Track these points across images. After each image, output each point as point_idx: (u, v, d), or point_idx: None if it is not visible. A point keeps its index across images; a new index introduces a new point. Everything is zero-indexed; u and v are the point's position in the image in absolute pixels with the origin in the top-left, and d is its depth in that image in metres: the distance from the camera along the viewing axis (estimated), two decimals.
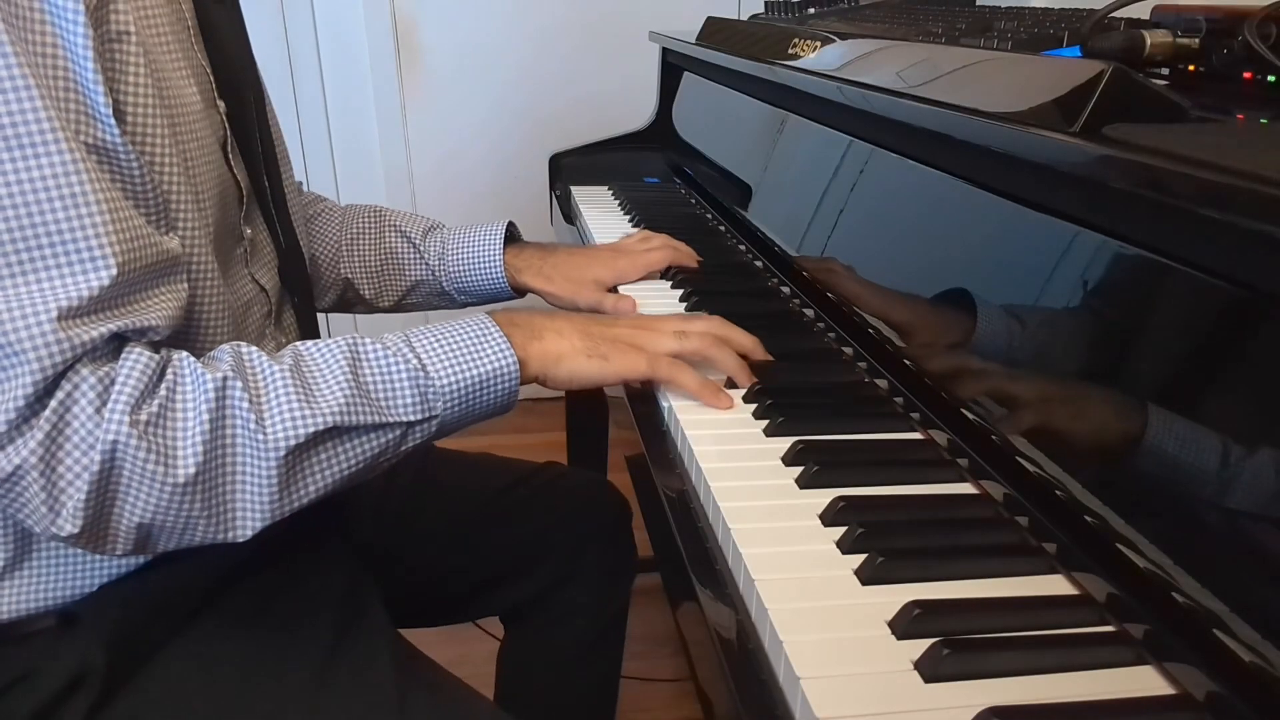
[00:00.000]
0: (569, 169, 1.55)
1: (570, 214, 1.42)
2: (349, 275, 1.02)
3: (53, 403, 0.54)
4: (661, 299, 0.98)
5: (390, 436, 0.63)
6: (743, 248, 1.13)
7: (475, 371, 0.66)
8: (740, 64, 1.17)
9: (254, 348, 0.63)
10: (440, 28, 2.25)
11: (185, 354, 0.60)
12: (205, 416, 0.57)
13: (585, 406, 1.65)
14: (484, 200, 2.33)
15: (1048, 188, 0.59)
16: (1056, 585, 0.52)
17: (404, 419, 0.63)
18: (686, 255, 1.04)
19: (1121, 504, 0.49)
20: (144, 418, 0.56)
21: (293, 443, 0.59)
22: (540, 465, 1.04)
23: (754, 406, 0.72)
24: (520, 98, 2.31)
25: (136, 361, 0.57)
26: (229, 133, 0.75)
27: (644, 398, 0.77)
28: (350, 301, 1.05)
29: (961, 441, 0.64)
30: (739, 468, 0.64)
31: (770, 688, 0.46)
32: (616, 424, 1.65)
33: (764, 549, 0.54)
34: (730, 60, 1.21)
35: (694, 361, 0.74)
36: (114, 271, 0.56)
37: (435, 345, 0.66)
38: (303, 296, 0.85)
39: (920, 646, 0.46)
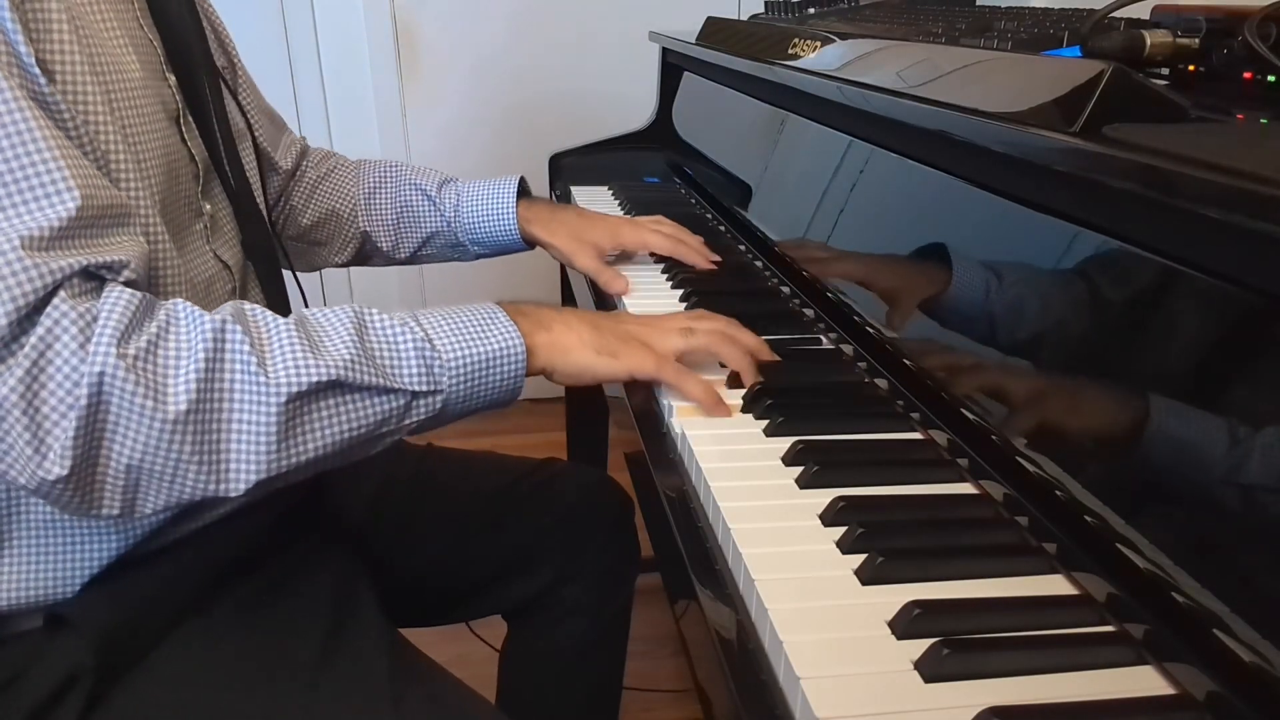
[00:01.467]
0: (569, 169, 1.55)
1: None
2: (367, 228, 1.06)
3: (32, 338, 0.52)
4: (661, 299, 0.98)
5: (394, 404, 0.62)
6: (743, 247, 1.13)
7: (483, 349, 0.65)
8: (740, 64, 1.17)
9: (258, 306, 0.62)
10: (440, 28, 2.25)
11: (182, 300, 0.59)
12: (201, 354, 0.56)
13: (585, 406, 1.65)
14: None
15: (1048, 188, 0.59)
16: (1056, 585, 0.52)
17: (409, 386, 0.62)
18: (694, 251, 1.03)
19: (1121, 504, 0.49)
20: (132, 351, 0.54)
21: (294, 389, 0.57)
22: (541, 462, 1.04)
23: (754, 407, 0.72)
24: (520, 98, 2.31)
25: (120, 297, 0.55)
26: (181, 105, 0.74)
27: (644, 397, 0.77)
28: (368, 254, 1.09)
29: (961, 441, 0.64)
30: (739, 468, 0.64)
31: (770, 688, 0.46)
32: (616, 423, 1.65)
33: (764, 549, 0.54)
34: (730, 60, 1.21)
35: (697, 360, 0.75)
36: (78, 200, 0.55)
37: (441, 322, 0.65)
38: (269, 269, 0.85)
39: (920, 646, 0.46)
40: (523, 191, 1.06)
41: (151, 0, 0.73)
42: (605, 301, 1.02)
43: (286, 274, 0.89)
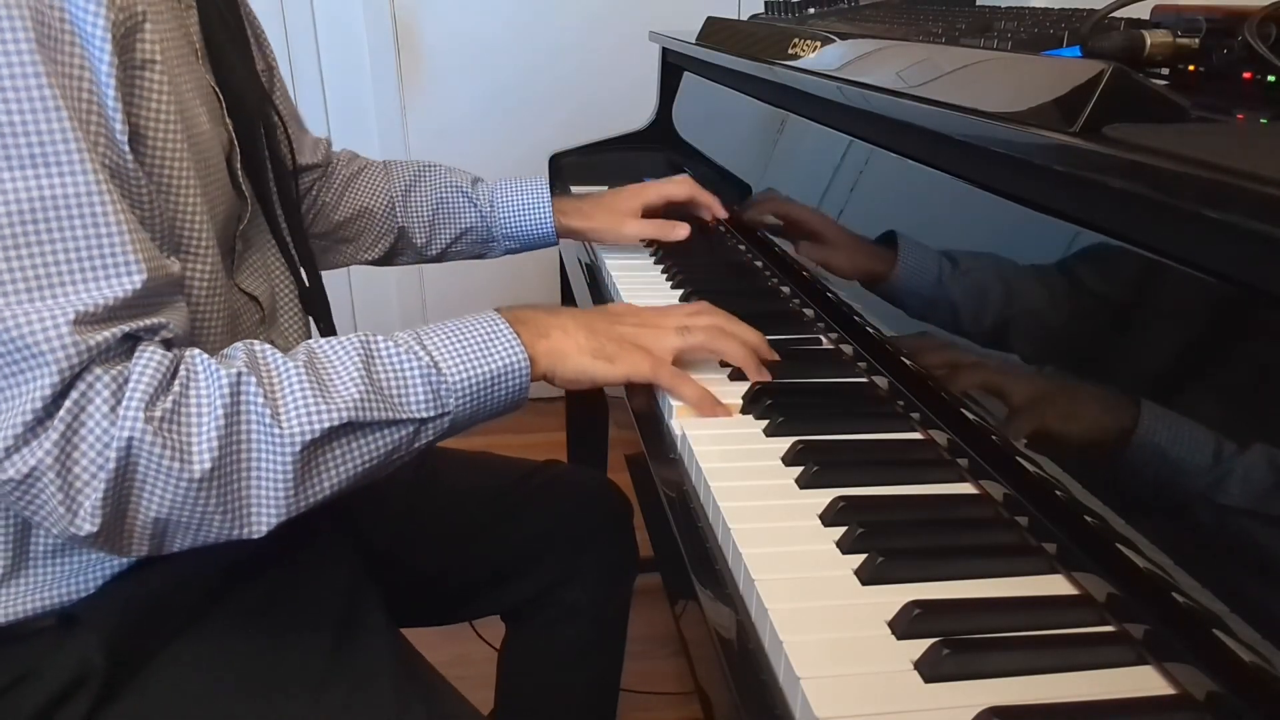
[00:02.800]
0: (569, 169, 1.55)
1: None
2: (403, 224, 1.09)
3: (67, 403, 0.54)
4: (659, 297, 0.98)
5: (404, 433, 0.64)
6: (742, 247, 1.13)
7: (487, 368, 0.66)
8: (740, 64, 1.17)
9: (268, 345, 0.63)
10: (440, 27, 2.25)
11: (198, 351, 0.60)
12: (220, 411, 0.57)
13: (585, 406, 1.65)
14: None
15: (1048, 187, 0.59)
16: (1056, 585, 0.52)
17: (417, 415, 0.64)
18: (708, 196, 1.12)
19: (1121, 504, 0.49)
20: (159, 414, 0.56)
21: (308, 438, 0.59)
22: (541, 463, 1.04)
23: (754, 406, 0.72)
24: (520, 97, 2.31)
25: (150, 359, 0.57)
26: (237, 148, 0.76)
27: (645, 398, 0.77)
28: (398, 250, 1.12)
29: (961, 441, 0.64)
30: (739, 468, 0.64)
31: (770, 688, 0.46)
32: (616, 424, 1.65)
33: (764, 549, 0.54)
34: (730, 60, 1.21)
35: (697, 357, 0.76)
36: (144, 277, 0.57)
37: (446, 342, 0.66)
38: (319, 302, 0.89)
39: (920, 646, 0.46)
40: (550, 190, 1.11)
41: (212, 51, 0.75)
42: (603, 296, 1.03)
43: None
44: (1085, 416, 0.54)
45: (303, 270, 0.88)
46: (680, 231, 1.06)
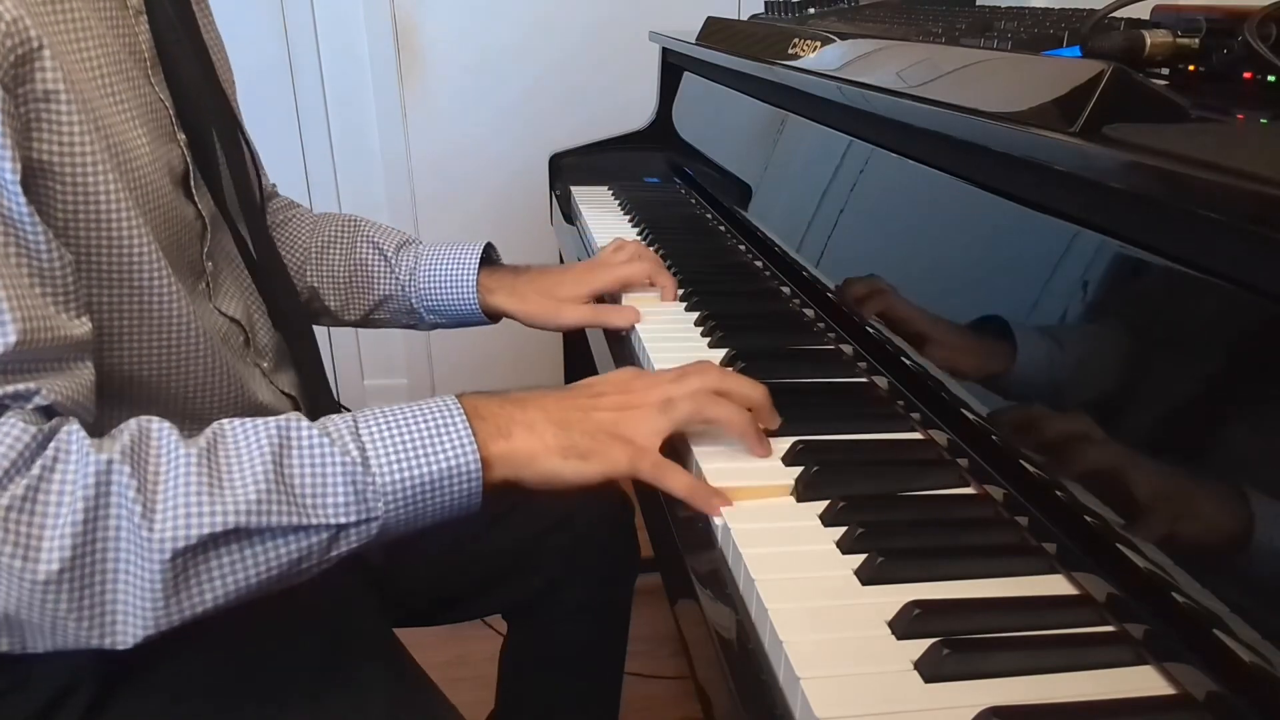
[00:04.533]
0: (569, 169, 1.55)
1: (570, 214, 1.42)
2: (315, 284, 0.98)
3: None
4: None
5: (313, 540, 0.55)
6: (743, 248, 1.13)
7: (428, 469, 0.57)
8: (740, 64, 1.17)
9: (166, 425, 0.55)
10: (440, 28, 2.25)
11: (76, 428, 0.52)
12: (80, 505, 0.50)
13: None
14: (484, 200, 2.33)
15: (1048, 188, 0.59)
16: (1056, 585, 0.52)
17: (332, 520, 0.55)
18: (663, 273, 0.99)
19: (1122, 504, 0.49)
20: (4, 500, 0.48)
21: (180, 544, 0.51)
22: None
23: None
24: (520, 98, 2.31)
25: (9, 434, 0.50)
26: (190, 164, 0.73)
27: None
28: (316, 312, 1.01)
29: (961, 441, 0.64)
30: (739, 468, 0.64)
31: (770, 688, 0.46)
32: None
33: (764, 549, 0.54)
34: (730, 60, 1.21)
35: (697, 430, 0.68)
36: (16, 338, 0.51)
37: (385, 433, 0.57)
38: (302, 344, 0.84)
39: (920, 646, 0.46)
40: (488, 259, 0.98)
41: (165, 60, 0.71)
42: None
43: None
44: (1084, 416, 0.54)
45: (276, 286, 0.83)
46: (625, 319, 0.92)
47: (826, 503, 0.58)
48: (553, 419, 0.63)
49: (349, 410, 0.62)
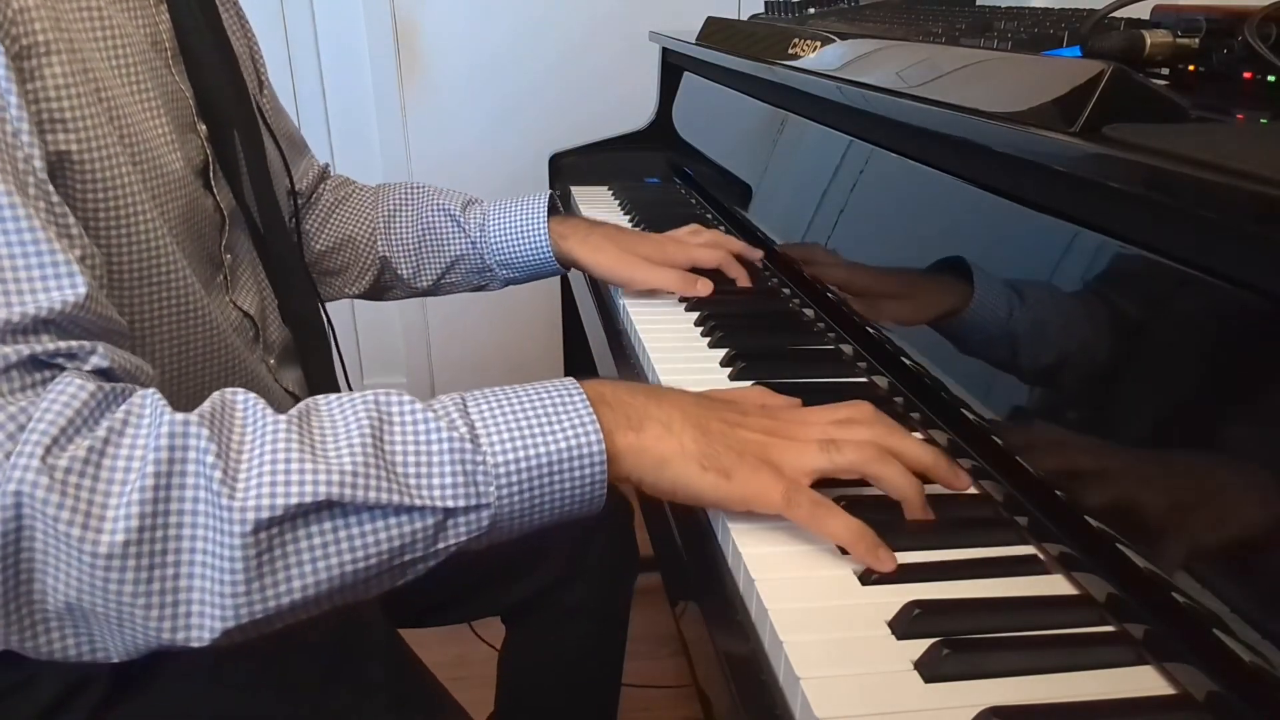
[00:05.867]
0: (569, 169, 1.55)
1: (570, 214, 1.42)
2: (385, 254, 0.99)
3: None
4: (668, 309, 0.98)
5: (419, 526, 0.49)
6: None
7: (545, 448, 0.51)
8: (740, 64, 1.17)
9: (252, 395, 0.51)
10: (441, 28, 2.25)
11: (153, 392, 0.49)
12: (151, 469, 0.45)
13: None
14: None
15: (1048, 188, 0.59)
16: (1056, 585, 0.52)
17: (439, 503, 0.49)
18: (734, 265, 0.95)
19: (1122, 504, 0.49)
20: (64, 462, 0.44)
21: (265, 514, 0.45)
22: None
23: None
24: (520, 98, 2.31)
25: (65, 390, 0.46)
26: (211, 156, 0.73)
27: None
28: (387, 283, 1.02)
29: (962, 441, 0.64)
30: None
31: (770, 688, 0.46)
32: None
33: (764, 549, 0.54)
34: (730, 60, 1.21)
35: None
36: (81, 291, 0.49)
37: (497, 410, 0.52)
38: (313, 341, 0.85)
39: (920, 646, 0.46)
40: (552, 210, 0.99)
41: (185, 50, 0.71)
42: (611, 315, 1.02)
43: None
44: (1084, 415, 0.54)
45: (291, 283, 0.83)
46: (701, 290, 0.90)
47: None
48: (692, 421, 0.55)
49: None
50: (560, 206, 1.00)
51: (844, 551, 0.54)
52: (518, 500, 0.51)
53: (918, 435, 0.56)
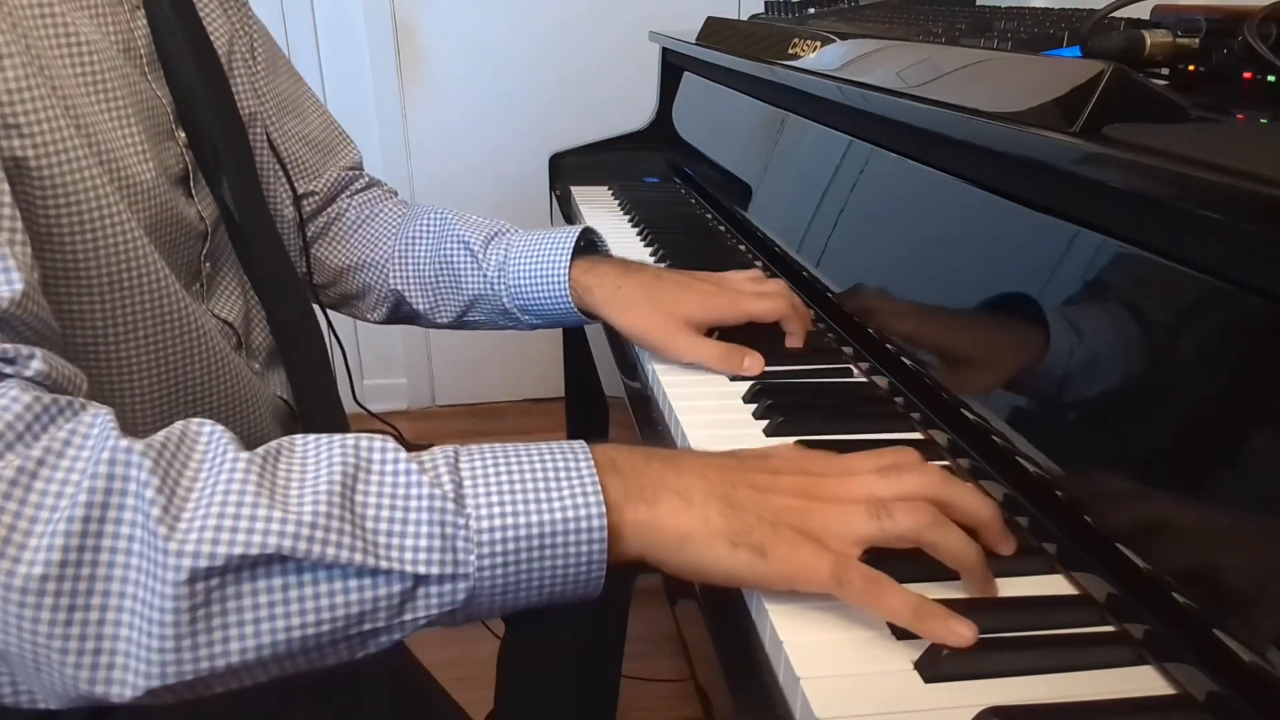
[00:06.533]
0: (569, 169, 1.55)
1: (570, 214, 1.42)
2: (399, 286, 0.90)
3: None
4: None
5: (381, 593, 0.44)
6: (743, 248, 1.13)
7: (536, 516, 0.45)
8: (740, 64, 1.17)
9: (219, 429, 0.46)
10: (440, 28, 2.25)
11: (106, 412, 0.45)
12: (84, 496, 0.41)
13: (585, 407, 1.65)
14: (484, 200, 2.33)
15: (1048, 188, 0.59)
16: (1056, 585, 0.52)
17: (408, 568, 0.44)
18: (801, 317, 0.80)
19: (1121, 504, 0.49)
20: None
21: (203, 563, 0.40)
22: None
23: (754, 406, 0.72)
24: (520, 98, 2.31)
25: (11, 403, 0.42)
26: (190, 164, 0.72)
27: (644, 399, 0.77)
28: (407, 316, 0.94)
29: (961, 441, 0.64)
30: None
31: (770, 688, 0.46)
32: (616, 424, 1.65)
33: None
34: (730, 60, 1.21)
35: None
36: (17, 287, 0.46)
37: (490, 469, 0.47)
38: (296, 324, 0.82)
39: (920, 646, 0.46)
40: (591, 246, 0.84)
41: (162, 57, 0.70)
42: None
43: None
44: (1084, 416, 0.54)
45: (280, 291, 0.80)
46: (751, 368, 0.74)
47: None
48: (716, 491, 0.48)
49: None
50: (601, 243, 0.86)
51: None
52: (500, 574, 0.45)
53: (970, 486, 0.51)
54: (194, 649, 0.41)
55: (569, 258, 0.80)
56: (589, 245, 0.84)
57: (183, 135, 0.72)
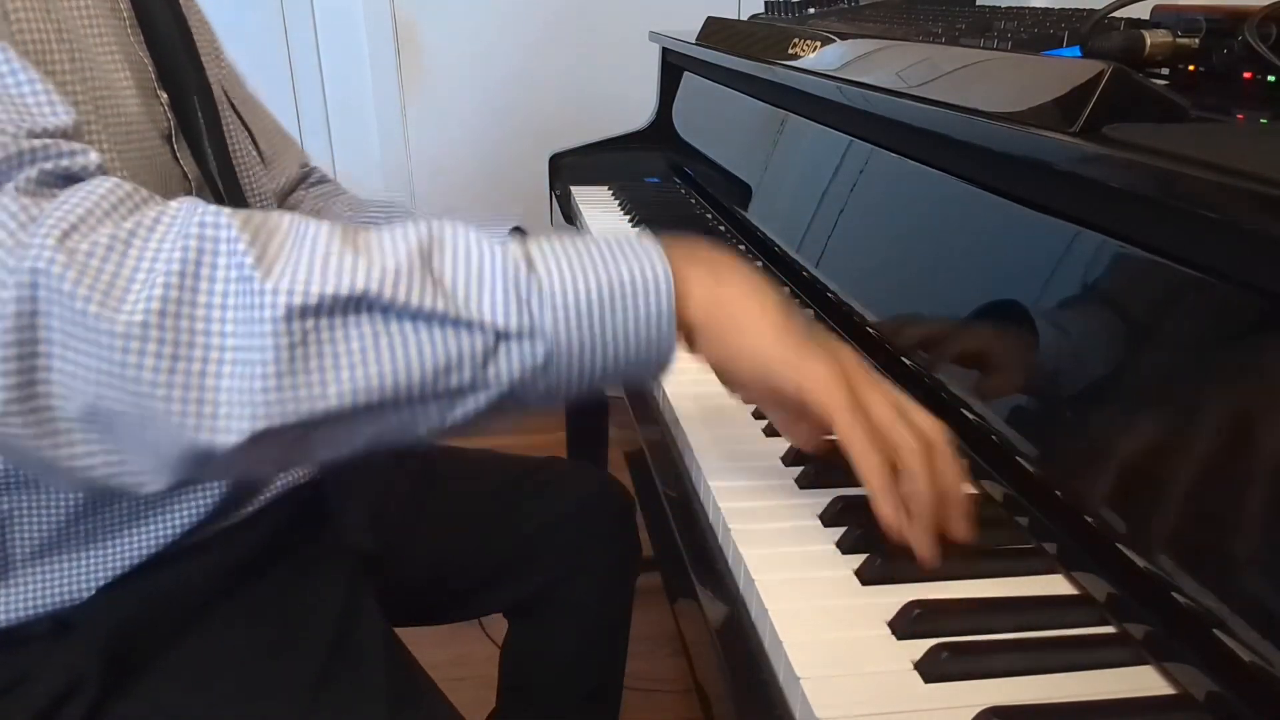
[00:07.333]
0: (569, 169, 1.55)
1: (570, 214, 1.42)
2: None
3: None
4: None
5: (464, 344, 0.45)
6: (743, 248, 1.13)
7: (606, 275, 0.47)
8: (740, 64, 1.17)
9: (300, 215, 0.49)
10: (440, 28, 2.25)
11: (193, 200, 0.47)
12: (179, 254, 0.43)
13: (585, 405, 1.65)
14: (484, 200, 2.33)
15: (1048, 188, 0.59)
16: (1056, 585, 0.52)
17: (487, 319, 0.45)
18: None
19: (1121, 503, 0.49)
20: (85, 245, 0.42)
21: (297, 300, 0.42)
22: (542, 460, 1.04)
23: (754, 406, 0.72)
24: (520, 98, 2.31)
25: (94, 187, 0.45)
26: (173, 124, 0.73)
27: (643, 398, 0.77)
28: None
29: (962, 441, 0.64)
30: (739, 468, 0.64)
31: (770, 688, 0.46)
32: (616, 424, 1.65)
33: (764, 549, 0.54)
34: (730, 60, 1.21)
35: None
36: (71, 116, 0.48)
37: (557, 244, 0.48)
38: None
39: (920, 647, 0.46)
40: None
41: (141, 19, 0.71)
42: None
43: None
44: (1084, 416, 0.53)
45: None
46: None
47: (827, 502, 0.58)
48: (776, 300, 0.51)
49: None
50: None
51: (843, 551, 0.54)
52: (575, 333, 0.46)
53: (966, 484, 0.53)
54: (294, 388, 0.43)
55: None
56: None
57: (164, 96, 0.72)
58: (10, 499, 0.62)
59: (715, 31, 1.38)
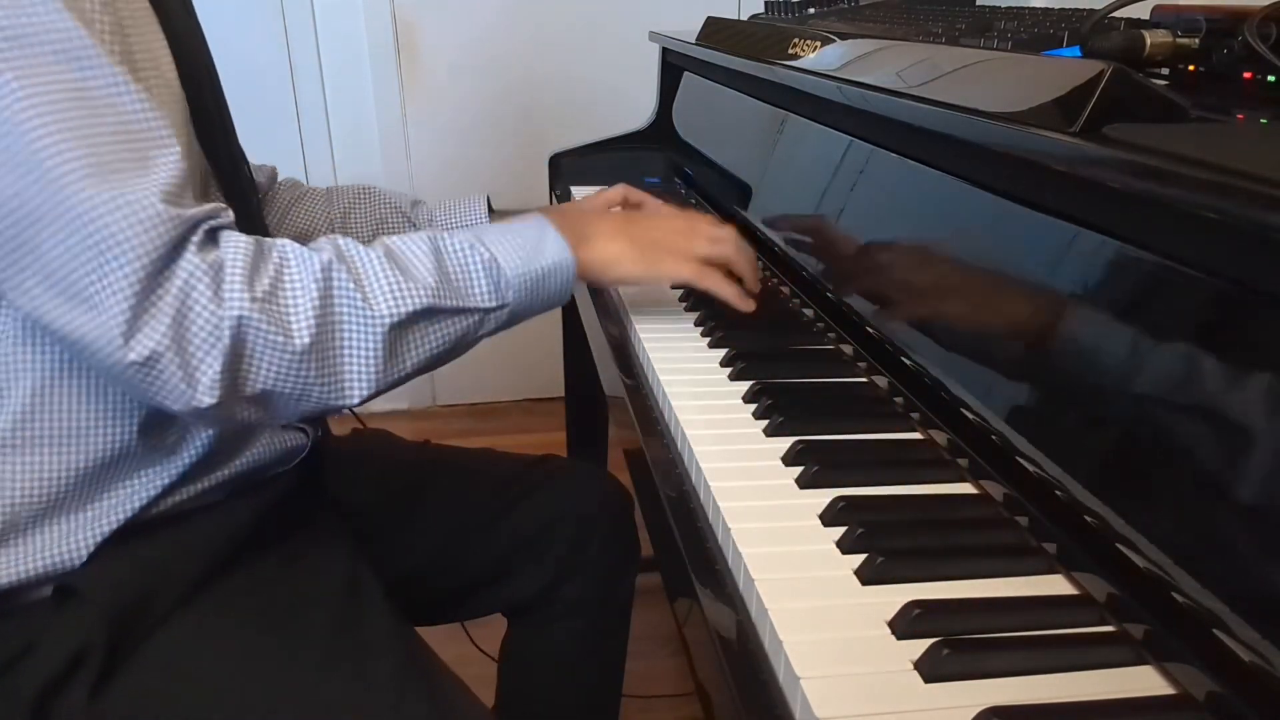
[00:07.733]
0: (569, 169, 1.55)
1: None
2: None
3: (172, 290, 0.59)
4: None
5: (469, 321, 0.71)
6: None
7: (539, 265, 0.74)
8: (740, 64, 1.17)
9: (348, 238, 0.69)
10: (440, 28, 2.25)
11: (289, 240, 0.67)
12: (315, 291, 0.63)
13: (585, 405, 1.65)
14: None
15: (1048, 188, 0.59)
16: (1056, 585, 0.52)
17: (480, 305, 0.71)
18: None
19: (1121, 504, 0.49)
20: (259, 293, 0.61)
21: (394, 319, 0.66)
22: (540, 458, 1.04)
23: (754, 406, 0.72)
24: (520, 98, 2.31)
25: (238, 244, 0.63)
26: (189, 113, 0.75)
27: (643, 398, 0.77)
28: None
29: (961, 441, 0.64)
30: (739, 468, 0.64)
31: (770, 688, 0.46)
32: (616, 423, 1.65)
33: (764, 549, 0.54)
34: (730, 60, 1.21)
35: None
36: (179, 150, 0.61)
37: (502, 241, 0.73)
38: None
39: (920, 646, 0.46)
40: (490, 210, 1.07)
41: (159, 12, 0.73)
42: (609, 312, 1.02)
43: None
44: (1084, 416, 0.54)
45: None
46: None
47: (826, 502, 0.58)
48: (623, 232, 0.82)
49: None
50: (492, 208, 1.08)
51: (843, 551, 0.54)
52: (524, 299, 0.74)
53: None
54: (389, 369, 0.68)
55: (486, 212, 1.06)
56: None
57: (177, 80, 0.74)
58: (9, 460, 0.65)
59: (715, 31, 1.38)
